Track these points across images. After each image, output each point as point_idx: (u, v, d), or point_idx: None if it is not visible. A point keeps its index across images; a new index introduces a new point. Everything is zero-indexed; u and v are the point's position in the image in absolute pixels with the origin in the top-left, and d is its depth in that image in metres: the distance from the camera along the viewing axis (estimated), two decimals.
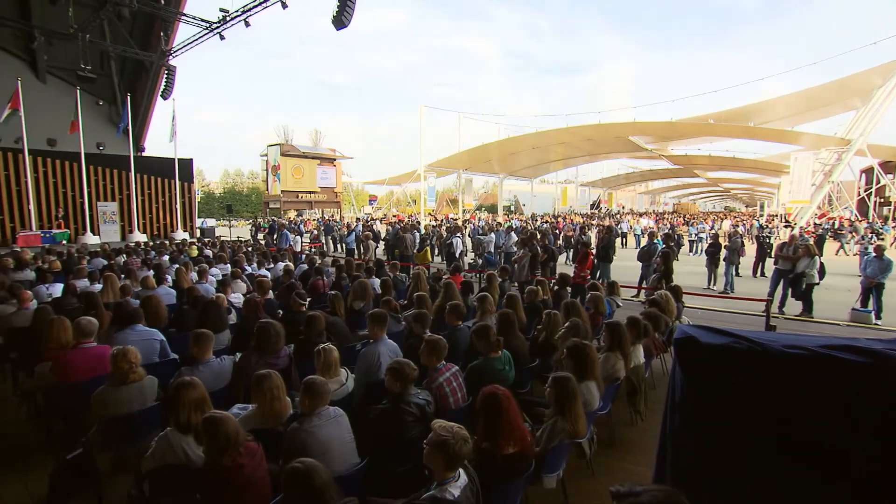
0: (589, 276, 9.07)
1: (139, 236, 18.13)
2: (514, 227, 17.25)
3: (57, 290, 6.78)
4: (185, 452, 2.48)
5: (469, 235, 15.33)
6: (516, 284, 8.83)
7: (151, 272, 7.46)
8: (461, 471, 2.12)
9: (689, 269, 13.74)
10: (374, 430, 2.75)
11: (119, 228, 18.54)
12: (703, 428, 2.10)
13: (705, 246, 13.78)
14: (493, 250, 13.17)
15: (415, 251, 12.49)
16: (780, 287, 8.80)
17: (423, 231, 15.69)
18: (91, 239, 16.80)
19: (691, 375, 2.14)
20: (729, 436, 2.02)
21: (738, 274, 11.45)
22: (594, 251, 10.18)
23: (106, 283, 6.40)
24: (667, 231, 17.25)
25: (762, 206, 49.55)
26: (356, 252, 15.27)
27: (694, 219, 32.89)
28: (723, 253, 11.14)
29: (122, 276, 7.47)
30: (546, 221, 27.42)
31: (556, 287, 6.94)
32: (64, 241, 15.99)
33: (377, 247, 15.23)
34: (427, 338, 3.33)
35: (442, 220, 25.35)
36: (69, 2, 15.60)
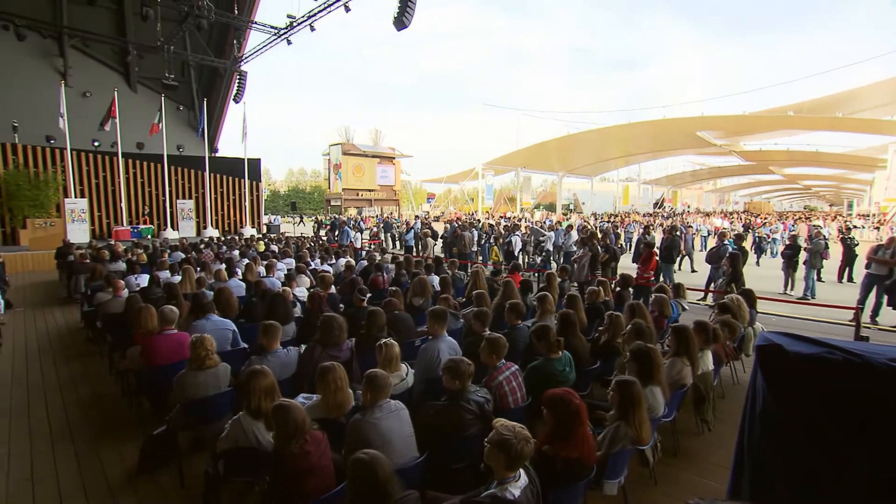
0: (652, 278, 8.70)
1: (212, 232, 19.39)
2: (576, 225, 16.85)
3: (144, 280, 7.40)
4: (256, 437, 2.63)
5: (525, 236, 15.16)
6: (576, 284, 8.63)
7: (223, 266, 7.97)
8: (522, 471, 2.10)
9: (761, 272, 12.82)
10: (433, 425, 2.78)
11: (194, 224, 19.91)
12: (789, 441, 1.96)
13: (780, 248, 12.79)
14: (551, 249, 12.93)
15: (472, 249, 12.49)
16: (872, 294, 7.99)
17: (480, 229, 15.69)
18: (171, 234, 18.21)
19: (776, 385, 2.00)
20: (819, 451, 1.87)
21: (820, 278, 10.54)
22: (658, 252, 9.74)
23: (184, 275, 6.90)
24: (738, 232, 16.19)
25: (850, 205, 45.30)
26: (415, 249, 15.51)
27: (767, 219, 30.60)
28: (802, 256, 10.28)
29: (198, 268, 8.03)
30: (607, 220, 26.56)
31: (617, 288, 6.71)
32: (149, 236, 17.41)
33: (435, 244, 15.41)
34: (487, 336, 3.33)
35: (500, 219, 25.19)
36: (157, 18, 16.95)
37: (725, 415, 4.37)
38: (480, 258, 13.86)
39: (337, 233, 19.11)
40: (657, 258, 9.43)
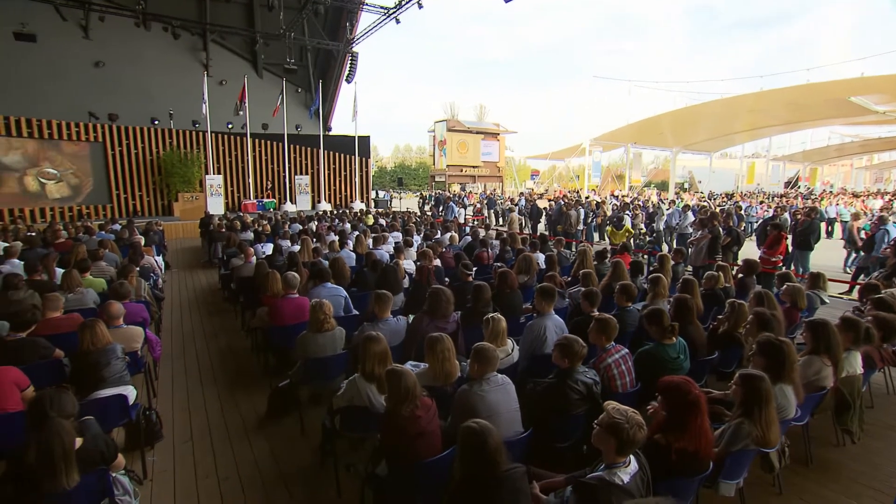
0: (780, 263, 7.74)
1: (325, 206, 20.87)
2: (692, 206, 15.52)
3: (268, 248, 8.22)
4: (370, 397, 2.83)
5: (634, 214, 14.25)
6: (690, 269, 7.98)
7: (336, 237, 8.56)
8: (632, 457, 2.02)
9: None
10: (539, 403, 2.78)
11: (310, 198, 21.56)
12: None
13: None
14: (663, 229, 12.06)
15: (578, 228, 12.05)
16: None
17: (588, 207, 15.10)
18: (290, 207, 19.93)
19: None
20: None
21: None
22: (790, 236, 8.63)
23: (302, 245, 7.53)
24: None
25: None
26: (501, 223, 15.41)
27: None
28: None
29: (314, 239, 8.72)
30: (726, 200, 23.95)
31: (740, 275, 6.09)
32: (271, 209, 19.26)
33: (520, 220, 15.25)
34: (597, 316, 3.22)
35: (607, 197, 23.99)
36: (280, 7, 18.37)
37: (876, 427, 3.82)
38: (585, 237, 13.37)
39: (441, 208, 19.54)
40: (788, 243, 8.38)
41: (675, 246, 11.27)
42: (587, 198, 20.13)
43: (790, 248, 8.80)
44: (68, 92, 18.38)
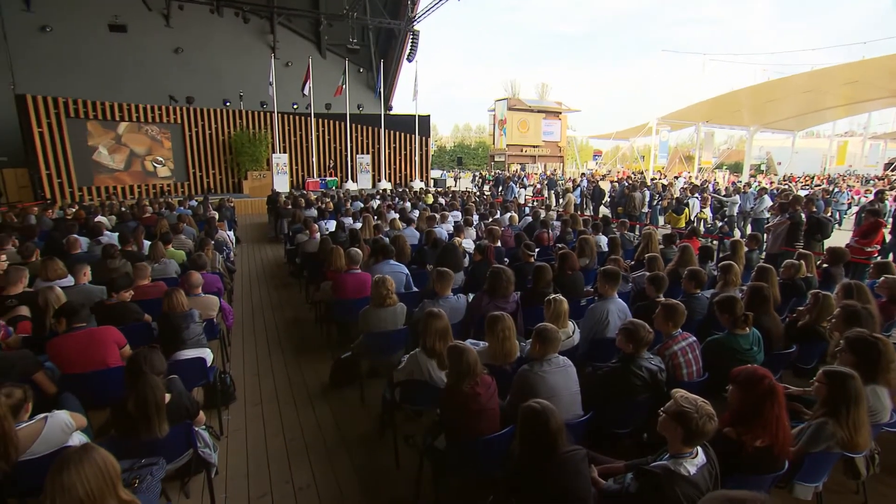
0: (876, 254, 7.01)
1: (385, 184, 21.22)
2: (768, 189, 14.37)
3: (331, 225, 8.49)
4: (430, 372, 2.88)
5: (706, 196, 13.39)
6: (765, 256, 7.42)
7: (397, 215, 8.69)
8: (700, 449, 1.93)
9: None
10: (601, 387, 2.71)
11: (370, 177, 22.00)
12: None
13: None
14: (736, 214, 11.27)
15: (642, 211, 11.49)
16: None
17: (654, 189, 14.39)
18: (351, 185, 20.45)
19: None
20: None
21: None
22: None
23: (364, 223, 7.73)
24: None
25: None
26: (554, 203, 15.01)
27: None
28: None
29: (375, 217, 8.91)
30: (807, 183, 21.87)
31: (824, 265, 5.59)
32: (333, 187, 19.85)
33: (576, 201, 14.77)
34: (664, 302, 3.08)
35: (673, 180, 22.74)
36: None
37: None
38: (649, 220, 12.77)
39: (501, 188, 19.34)
40: (886, 232, 7.57)
41: (748, 231, 10.51)
42: (653, 179, 19.14)
43: (887, 238, 7.97)
44: (152, 77, 19.79)
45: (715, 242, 8.68)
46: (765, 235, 7.95)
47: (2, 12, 16.10)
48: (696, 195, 11.75)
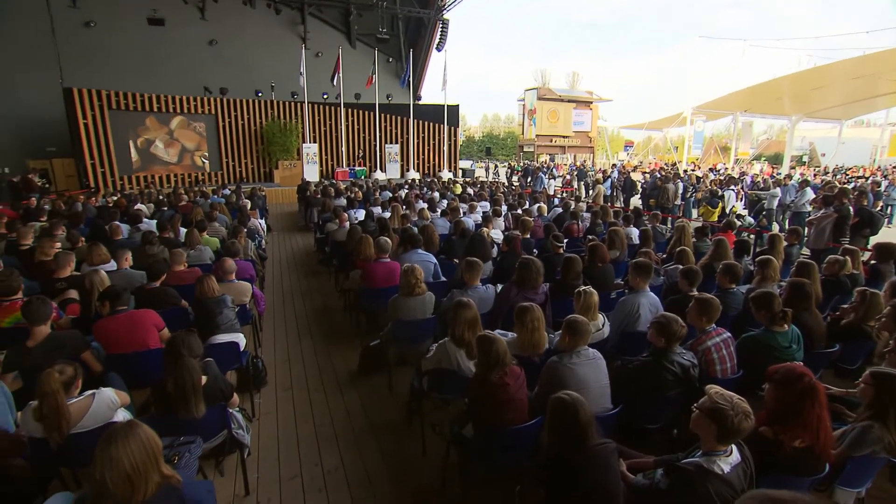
0: None
1: (413, 174, 21.29)
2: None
3: (360, 214, 8.58)
4: (458, 361, 2.89)
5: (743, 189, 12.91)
6: (808, 251, 7.12)
7: (426, 205, 8.71)
8: (734, 447, 1.88)
9: None
10: (631, 381, 2.67)
11: (399, 167, 22.09)
12: None
13: None
14: (775, 207, 10.83)
15: (675, 203, 11.15)
16: None
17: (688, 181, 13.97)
18: (380, 175, 20.58)
19: None
20: None
21: None
22: None
23: (393, 212, 7.77)
24: None
25: None
26: (584, 194, 14.73)
27: None
28: None
29: (403, 206, 8.94)
30: (856, 176, 20.78)
31: (872, 261, 5.32)
32: (362, 177, 20.02)
33: (606, 192, 14.46)
34: (698, 296, 3.00)
35: (709, 171, 22.01)
36: None
37: None
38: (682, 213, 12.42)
39: (530, 179, 19.12)
40: None
41: (787, 226, 10.09)
42: (686, 171, 18.56)
43: None
44: (187, 69, 20.36)
45: (752, 236, 8.38)
46: (805, 230, 7.62)
47: (51, 10, 16.76)
48: (732, 188, 11.33)
